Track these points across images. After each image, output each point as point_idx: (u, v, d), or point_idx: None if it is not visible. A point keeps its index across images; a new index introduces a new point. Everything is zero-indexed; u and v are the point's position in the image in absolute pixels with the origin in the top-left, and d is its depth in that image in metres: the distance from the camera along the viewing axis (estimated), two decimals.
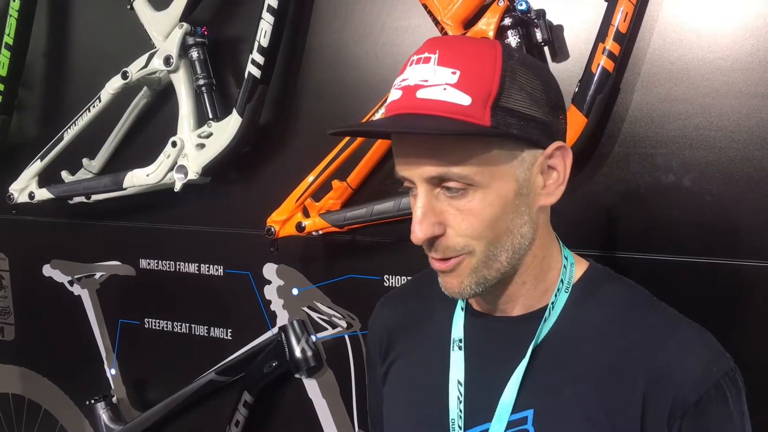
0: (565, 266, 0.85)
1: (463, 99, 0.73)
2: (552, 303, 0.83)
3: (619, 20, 1.07)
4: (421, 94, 0.74)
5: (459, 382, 0.85)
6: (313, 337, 1.49)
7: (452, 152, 0.74)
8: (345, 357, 1.46)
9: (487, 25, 1.15)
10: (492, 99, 0.73)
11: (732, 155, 1.08)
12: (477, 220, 0.76)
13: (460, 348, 0.87)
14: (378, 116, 1.25)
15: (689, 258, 1.11)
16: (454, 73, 0.74)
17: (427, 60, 0.76)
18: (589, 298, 0.84)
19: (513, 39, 1.15)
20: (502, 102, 0.73)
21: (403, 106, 0.76)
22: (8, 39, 1.74)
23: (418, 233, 0.76)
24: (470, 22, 1.20)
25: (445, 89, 0.73)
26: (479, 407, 0.83)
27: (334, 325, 1.47)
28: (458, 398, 0.84)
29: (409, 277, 1.36)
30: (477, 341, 0.87)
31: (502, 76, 0.74)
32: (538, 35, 1.15)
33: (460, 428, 0.82)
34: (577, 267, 0.87)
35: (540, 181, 0.79)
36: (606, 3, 1.09)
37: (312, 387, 1.52)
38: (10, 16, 1.73)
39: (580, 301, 0.84)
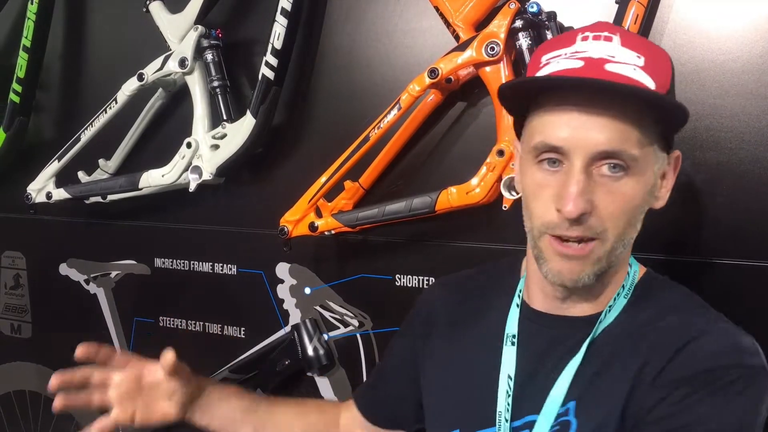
0: (628, 273, 0.86)
1: (650, 83, 0.75)
2: (610, 306, 0.83)
3: (629, 22, 1.07)
4: (610, 67, 0.74)
5: (509, 377, 0.85)
6: (326, 336, 1.50)
7: (628, 131, 0.74)
8: (357, 355, 1.47)
9: (498, 27, 1.16)
10: (666, 91, 0.76)
11: (742, 156, 1.08)
12: (625, 205, 0.76)
13: (513, 343, 0.87)
14: (392, 116, 1.26)
15: (699, 259, 1.12)
16: (639, 57, 0.75)
17: (608, 39, 0.76)
18: (644, 302, 0.84)
19: (524, 41, 1.16)
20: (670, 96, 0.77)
21: (590, 75, 0.74)
22: (26, 41, 1.76)
23: (573, 207, 0.73)
24: (482, 24, 1.21)
25: (635, 69, 0.74)
26: (525, 400, 0.84)
27: (346, 324, 1.48)
28: (507, 392, 0.84)
29: (420, 277, 1.38)
30: (531, 338, 0.87)
31: (672, 73, 0.78)
32: (549, 37, 1.15)
33: (507, 420, 0.83)
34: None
35: (659, 183, 0.80)
36: (617, 5, 1.10)
37: (324, 385, 1.53)
38: (28, 18, 1.74)
39: (635, 305, 0.84)
